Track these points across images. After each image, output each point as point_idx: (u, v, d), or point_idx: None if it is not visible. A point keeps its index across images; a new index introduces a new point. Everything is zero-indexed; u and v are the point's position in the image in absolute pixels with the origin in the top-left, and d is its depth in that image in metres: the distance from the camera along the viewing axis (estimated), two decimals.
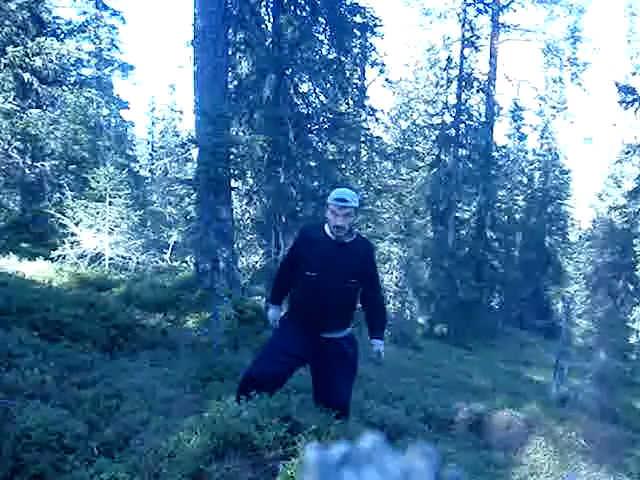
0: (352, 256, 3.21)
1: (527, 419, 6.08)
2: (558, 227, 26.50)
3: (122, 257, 10.32)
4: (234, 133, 9.72)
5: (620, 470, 5.38)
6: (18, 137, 11.38)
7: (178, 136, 28.36)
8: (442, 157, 19.11)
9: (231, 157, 8.62)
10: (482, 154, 19.30)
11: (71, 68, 13.59)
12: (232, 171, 8.67)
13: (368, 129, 12.38)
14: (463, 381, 9.28)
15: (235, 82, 10.69)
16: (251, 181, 10.08)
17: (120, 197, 10.38)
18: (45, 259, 9.23)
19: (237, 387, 3.24)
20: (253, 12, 9.92)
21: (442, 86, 19.70)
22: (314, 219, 9.41)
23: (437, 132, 19.56)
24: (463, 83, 18.90)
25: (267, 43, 9.66)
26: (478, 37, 19.41)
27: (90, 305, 5.91)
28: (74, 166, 12.59)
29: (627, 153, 19.82)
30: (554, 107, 25.35)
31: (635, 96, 13.89)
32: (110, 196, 10.25)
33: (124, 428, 3.14)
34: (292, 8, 9.56)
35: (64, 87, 12.65)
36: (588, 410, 7.89)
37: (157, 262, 11.70)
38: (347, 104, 11.92)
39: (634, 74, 20.67)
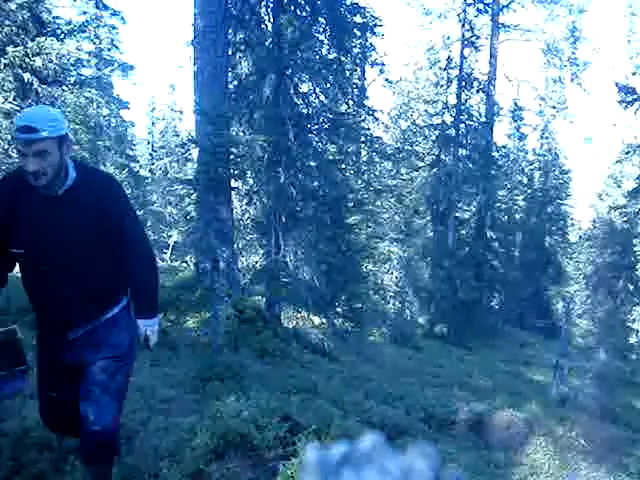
0: (74, 211, 2.09)
1: (527, 419, 6.08)
2: (558, 227, 26.49)
3: None
4: (234, 133, 9.71)
5: (620, 470, 5.38)
6: None
7: (178, 136, 28.33)
8: (442, 157, 19.10)
9: (231, 157, 8.61)
10: (482, 154, 19.29)
11: (71, 68, 13.57)
12: (232, 171, 8.67)
13: (368, 129, 12.39)
14: (463, 381, 9.27)
15: (235, 82, 10.68)
16: (251, 181, 10.08)
17: None
18: None
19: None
20: (253, 12, 9.92)
21: (442, 86, 19.69)
22: (314, 219, 9.36)
23: (437, 132, 19.54)
24: (463, 83, 18.89)
25: (267, 43, 9.66)
26: (478, 37, 19.39)
27: None
28: None
29: (627, 153, 19.85)
30: (554, 107, 25.36)
31: (635, 96, 13.90)
32: None
33: (124, 428, 3.14)
34: (292, 8, 9.56)
35: (64, 87, 12.64)
36: (588, 410, 7.89)
37: (157, 262, 11.68)
38: (347, 104, 11.92)
39: (634, 74, 20.65)
